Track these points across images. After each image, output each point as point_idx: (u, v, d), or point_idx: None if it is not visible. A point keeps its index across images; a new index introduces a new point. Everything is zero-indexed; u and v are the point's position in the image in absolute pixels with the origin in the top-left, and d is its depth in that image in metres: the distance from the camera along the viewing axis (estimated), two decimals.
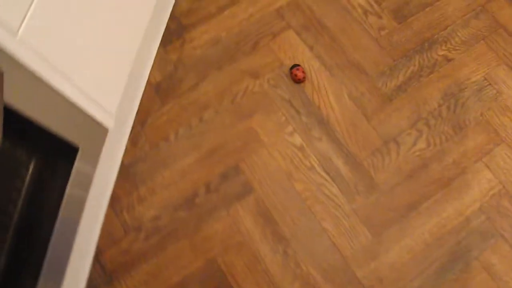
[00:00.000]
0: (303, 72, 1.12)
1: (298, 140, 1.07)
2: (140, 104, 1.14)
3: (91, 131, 0.90)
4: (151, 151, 1.10)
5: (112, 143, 1.02)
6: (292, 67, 1.13)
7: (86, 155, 0.90)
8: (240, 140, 1.08)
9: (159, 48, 1.20)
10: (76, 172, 0.88)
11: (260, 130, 1.08)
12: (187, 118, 1.12)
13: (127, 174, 1.08)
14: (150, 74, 1.17)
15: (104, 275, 0.99)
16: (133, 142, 1.11)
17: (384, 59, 1.14)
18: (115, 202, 1.06)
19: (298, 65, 1.13)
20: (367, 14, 1.19)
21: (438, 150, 1.05)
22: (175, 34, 1.21)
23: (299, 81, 1.12)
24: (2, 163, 0.69)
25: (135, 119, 1.12)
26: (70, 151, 0.85)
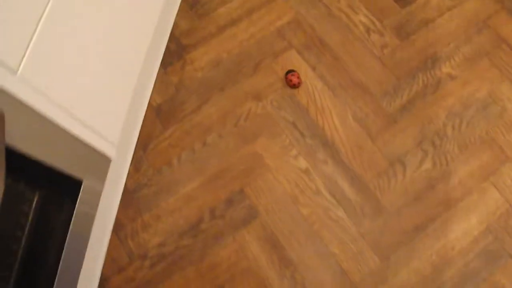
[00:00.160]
0: (299, 77, 1.12)
1: (303, 163, 1.06)
2: (141, 128, 1.13)
3: (94, 163, 0.89)
4: (154, 176, 1.09)
5: (115, 171, 1.00)
6: (287, 72, 1.13)
7: (90, 187, 0.88)
8: (245, 164, 1.07)
9: (159, 70, 1.18)
10: (80, 203, 0.86)
11: (265, 153, 1.07)
12: (190, 142, 1.11)
13: (130, 200, 1.07)
14: (150, 97, 1.15)
15: None
16: (135, 168, 1.10)
17: (387, 78, 1.13)
18: (119, 228, 1.05)
19: (294, 70, 1.13)
20: (369, 32, 1.18)
21: (444, 170, 1.04)
22: (175, 55, 1.20)
23: (294, 86, 1.12)
24: (5, 201, 0.68)
25: (136, 144, 1.11)
26: (74, 185, 0.84)
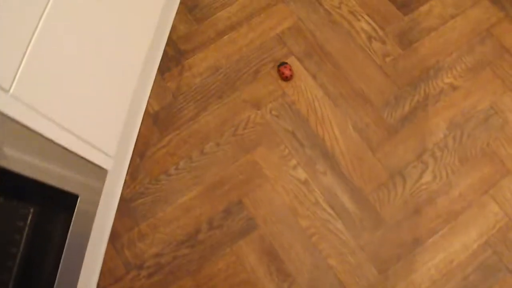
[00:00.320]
0: (291, 70, 1.12)
1: (302, 174, 1.04)
2: (138, 135, 1.11)
3: (91, 176, 0.87)
4: (151, 185, 1.07)
5: (111, 181, 0.99)
6: (279, 64, 1.13)
7: (86, 200, 0.87)
8: (243, 174, 1.06)
9: (156, 76, 1.16)
10: (77, 217, 0.85)
11: (263, 163, 1.06)
12: (188, 151, 1.09)
13: (127, 209, 1.06)
14: (148, 103, 1.13)
15: None
16: (132, 176, 1.08)
17: (389, 87, 1.11)
18: (115, 238, 1.04)
19: (286, 63, 1.13)
20: (371, 39, 1.16)
21: (444, 183, 1.03)
22: (173, 60, 1.17)
23: (286, 79, 1.12)
24: None
25: (133, 151, 1.09)
26: (70, 199, 0.82)
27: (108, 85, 0.89)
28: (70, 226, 0.83)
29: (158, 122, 1.12)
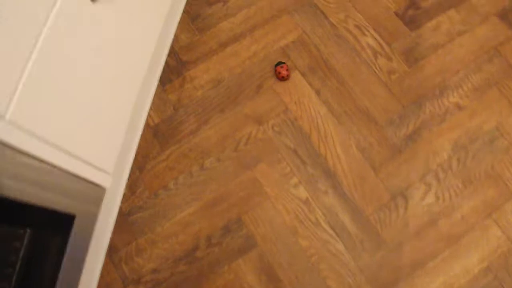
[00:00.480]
0: (287, 70, 1.11)
1: (304, 193, 1.03)
2: (138, 148, 1.09)
3: (88, 195, 0.85)
4: (150, 199, 1.06)
5: (109, 197, 0.97)
6: (277, 64, 1.12)
7: (83, 218, 0.85)
8: (243, 191, 1.04)
9: (157, 87, 1.14)
10: (74, 235, 0.84)
11: (264, 181, 1.04)
12: (188, 165, 1.07)
13: (125, 223, 1.04)
14: (148, 115, 1.11)
15: None
16: (131, 189, 1.06)
17: (393, 105, 1.09)
18: (113, 252, 1.03)
19: (283, 62, 1.12)
20: (377, 55, 1.14)
21: (446, 205, 1.02)
22: (174, 71, 1.15)
23: (283, 79, 1.12)
24: None
25: (132, 164, 1.07)
26: (67, 220, 0.81)
27: (109, 100, 0.87)
28: (67, 244, 0.82)
29: (158, 135, 1.10)
